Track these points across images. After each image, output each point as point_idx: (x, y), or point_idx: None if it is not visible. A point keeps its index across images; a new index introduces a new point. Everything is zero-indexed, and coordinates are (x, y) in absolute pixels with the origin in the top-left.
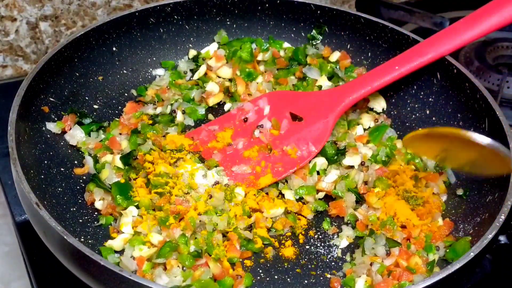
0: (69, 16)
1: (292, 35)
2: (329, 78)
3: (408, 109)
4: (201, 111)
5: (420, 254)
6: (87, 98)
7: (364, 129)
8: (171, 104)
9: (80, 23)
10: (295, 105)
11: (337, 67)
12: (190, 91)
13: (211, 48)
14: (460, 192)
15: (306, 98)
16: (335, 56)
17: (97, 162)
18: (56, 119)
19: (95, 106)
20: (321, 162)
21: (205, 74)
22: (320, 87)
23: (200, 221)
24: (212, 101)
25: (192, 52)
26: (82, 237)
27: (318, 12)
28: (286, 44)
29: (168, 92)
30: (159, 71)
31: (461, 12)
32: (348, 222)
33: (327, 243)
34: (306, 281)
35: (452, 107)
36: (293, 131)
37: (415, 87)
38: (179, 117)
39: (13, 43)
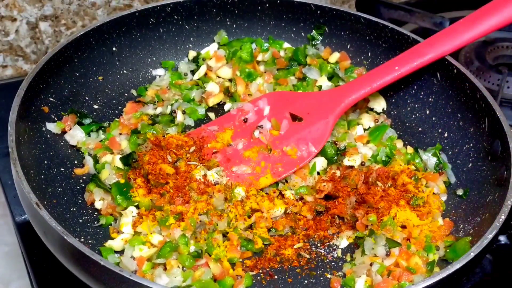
0: (69, 16)
1: (292, 35)
2: (329, 79)
3: (408, 109)
4: (201, 111)
5: (420, 254)
6: (87, 98)
7: (364, 129)
8: (171, 104)
9: (80, 23)
10: (294, 106)
11: (337, 67)
12: (190, 91)
13: (211, 49)
14: (460, 192)
15: (305, 99)
16: (335, 57)
17: (97, 162)
18: (56, 119)
19: (95, 106)
20: (321, 162)
21: (205, 74)
22: (320, 87)
23: (200, 221)
24: (212, 101)
25: (192, 53)
26: (82, 237)
27: (318, 12)
28: (286, 45)
29: (168, 93)
30: (159, 71)
31: (461, 12)
32: (348, 222)
33: (327, 243)
34: (306, 281)
35: (452, 107)
36: (293, 131)
37: (415, 87)
38: (179, 117)
39: (13, 43)
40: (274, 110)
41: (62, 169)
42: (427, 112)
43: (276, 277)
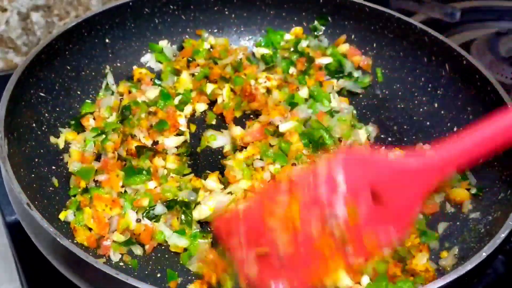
0: (62, 6)
1: (294, 25)
2: (335, 73)
3: (416, 102)
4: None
5: None
6: (79, 92)
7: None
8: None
9: (73, 13)
10: (374, 176)
11: (346, 62)
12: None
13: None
14: (473, 190)
15: (388, 168)
16: (344, 48)
17: None
18: (47, 115)
19: (89, 101)
20: None
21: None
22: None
23: None
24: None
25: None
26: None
27: (321, 1)
28: (287, 36)
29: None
30: (147, 57)
31: (473, 2)
32: None
33: None
34: None
35: (462, 100)
36: (373, 216)
37: (422, 79)
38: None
39: (4, 34)
40: (349, 182)
41: (53, 167)
42: (436, 105)
43: None
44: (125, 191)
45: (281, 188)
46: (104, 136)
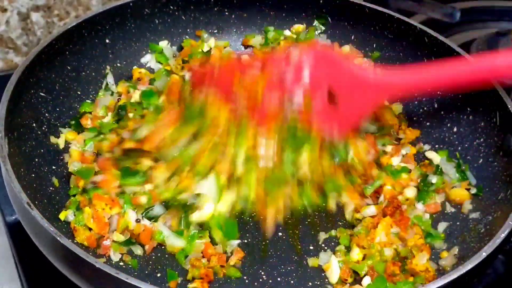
0: (62, 6)
1: (294, 25)
2: None
3: (415, 103)
4: None
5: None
6: (79, 93)
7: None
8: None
9: (73, 13)
10: (335, 77)
11: None
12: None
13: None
14: (473, 190)
15: (349, 74)
16: (345, 49)
17: None
18: (47, 114)
19: (88, 101)
20: None
21: None
22: None
23: None
24: None
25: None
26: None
27: (321, 1)
28: (286, 32)
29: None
30: (147, 57)
31: (472, 2)
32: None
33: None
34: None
35: (461, 101)
36: (324, 112)
37: None
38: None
39: (3, 34)
40: (313, 75)
41: (53, 167)
42: (435, 106)
43: (279, 279)
44: (124, 191)
45: (255, 64)
46: (102, 136)
